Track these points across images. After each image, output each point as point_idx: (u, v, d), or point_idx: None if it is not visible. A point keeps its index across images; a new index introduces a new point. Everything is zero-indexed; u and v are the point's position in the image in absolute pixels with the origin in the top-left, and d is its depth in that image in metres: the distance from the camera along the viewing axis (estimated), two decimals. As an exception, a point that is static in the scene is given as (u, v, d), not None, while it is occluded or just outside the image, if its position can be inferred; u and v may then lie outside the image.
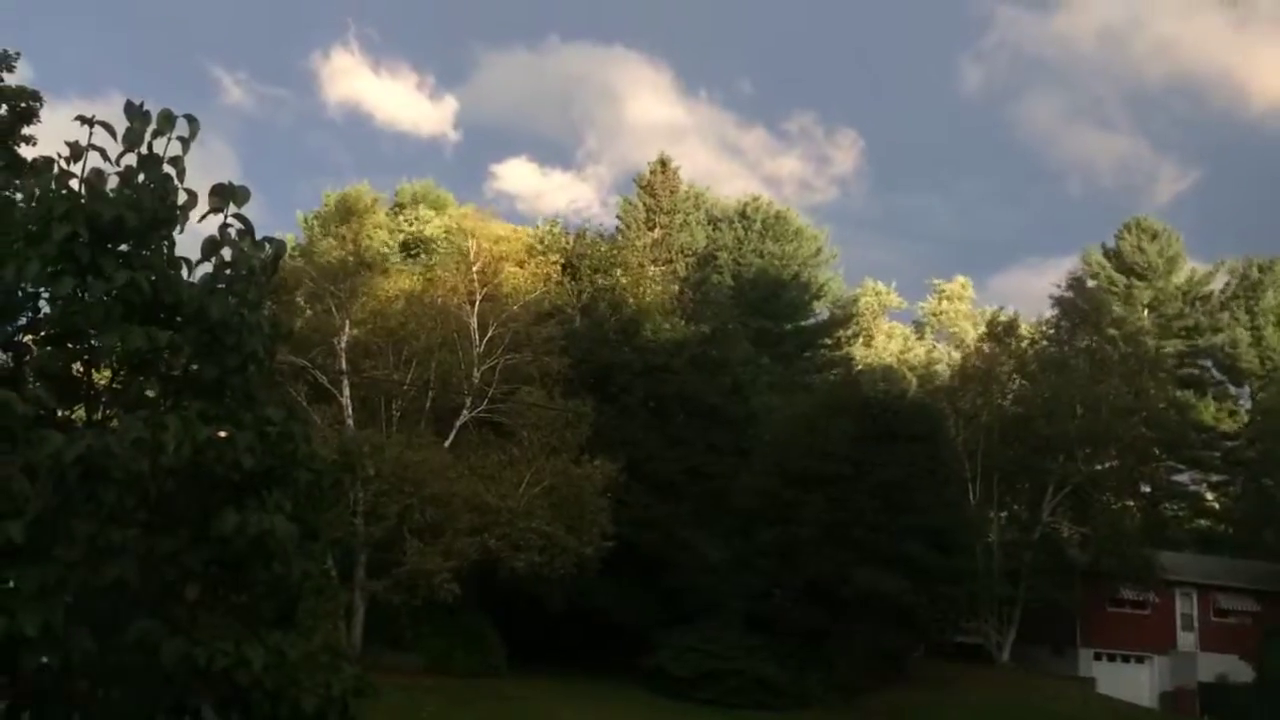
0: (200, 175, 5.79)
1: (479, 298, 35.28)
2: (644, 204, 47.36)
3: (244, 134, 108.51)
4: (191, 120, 5.67)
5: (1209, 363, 62.15)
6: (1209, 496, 60.05)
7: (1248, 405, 60.39)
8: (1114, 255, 63.02)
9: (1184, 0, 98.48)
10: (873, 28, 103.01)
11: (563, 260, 41.58)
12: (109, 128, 5.62)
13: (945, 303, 71.04)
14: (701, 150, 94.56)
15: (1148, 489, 53.73)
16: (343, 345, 33.29)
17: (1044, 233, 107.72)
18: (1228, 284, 63.25)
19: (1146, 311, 60.28)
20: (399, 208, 53.25)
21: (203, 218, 5.75)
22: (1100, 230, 72.67)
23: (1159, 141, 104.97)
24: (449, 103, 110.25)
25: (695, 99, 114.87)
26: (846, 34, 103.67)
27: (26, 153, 22.20)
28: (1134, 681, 41.98)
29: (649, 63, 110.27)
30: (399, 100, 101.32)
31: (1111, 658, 42.79)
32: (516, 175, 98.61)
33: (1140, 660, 43.22)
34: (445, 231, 41.28)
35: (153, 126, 5.63)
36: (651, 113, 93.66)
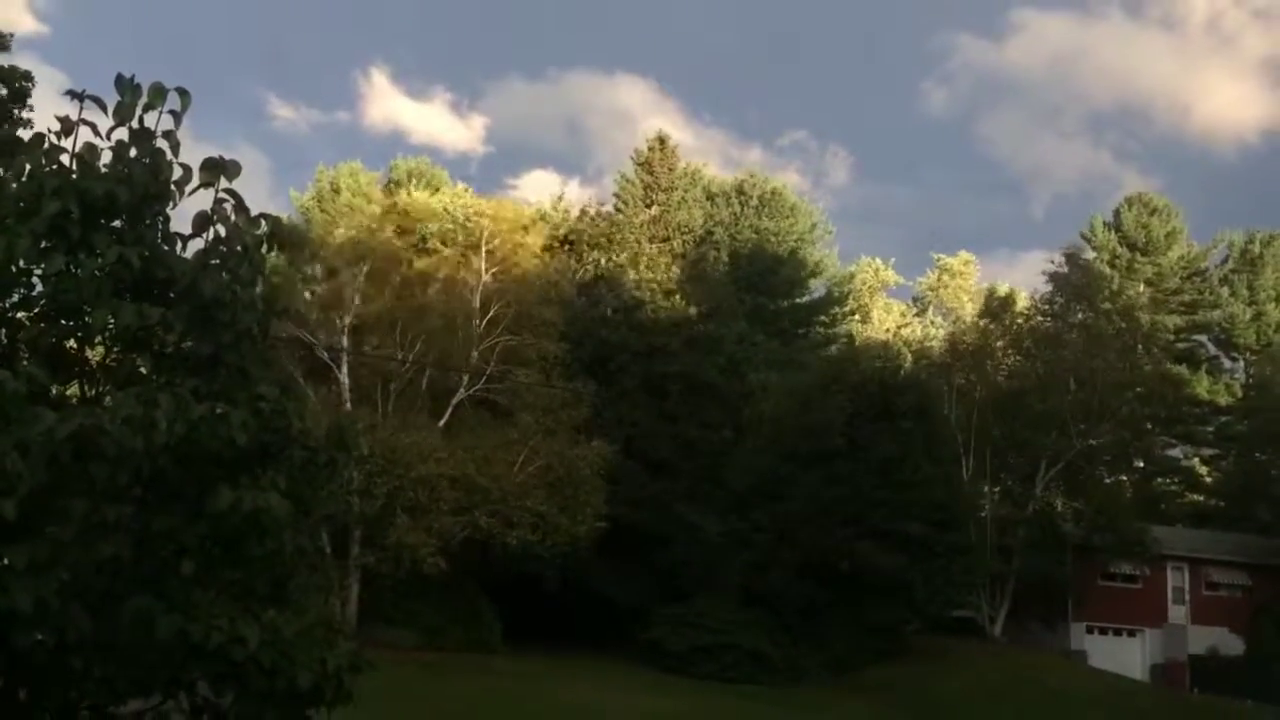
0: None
1: (484, 275, 35.45)
2: (642, 181, 47.05)
3: (285, 150, 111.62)
4: (183, 94, 5.60)
5: (1204, 337, 62.26)
6: (1202, 471, 60.28)
7: (1242, 379, 60.57)
8: (1116, 229, 62.99)
9: (1123, 30, 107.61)
10: (853, 56, 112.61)
11: (561, 237, 41.72)
12: (100, 102, 5.56)
13: (946, 278, 70.69)
14: (708, 168, 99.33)
15: (1140, 464, 53.94)
16: (345, 324, 33.39)
17: (1012, 231, 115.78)
18: (1227, 258, 63.24)
19: (1144, 286, 60.25)
20: (394, 185, 53.00)
21: (192, 191, 5.71)
22: (1070, 230, 73.84)
23: (1119, 152, 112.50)
24: (477, 121, 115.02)
25: (701, 122, 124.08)
26: (828, 62, 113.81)
27: (20, 134, 21.99)
28: (1125, 654, 42.28)
29: (657, 90, 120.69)
30: (431, 119, 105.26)
31: (1103, 631, 43.08)
32: (537, 184, 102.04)
33: (1132, 634, 43.52)
34: (445, 210, 41.21)
35: (144, 100, 5.56)
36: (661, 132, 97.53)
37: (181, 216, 5.90)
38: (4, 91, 22.90)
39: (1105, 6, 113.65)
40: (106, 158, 5.62)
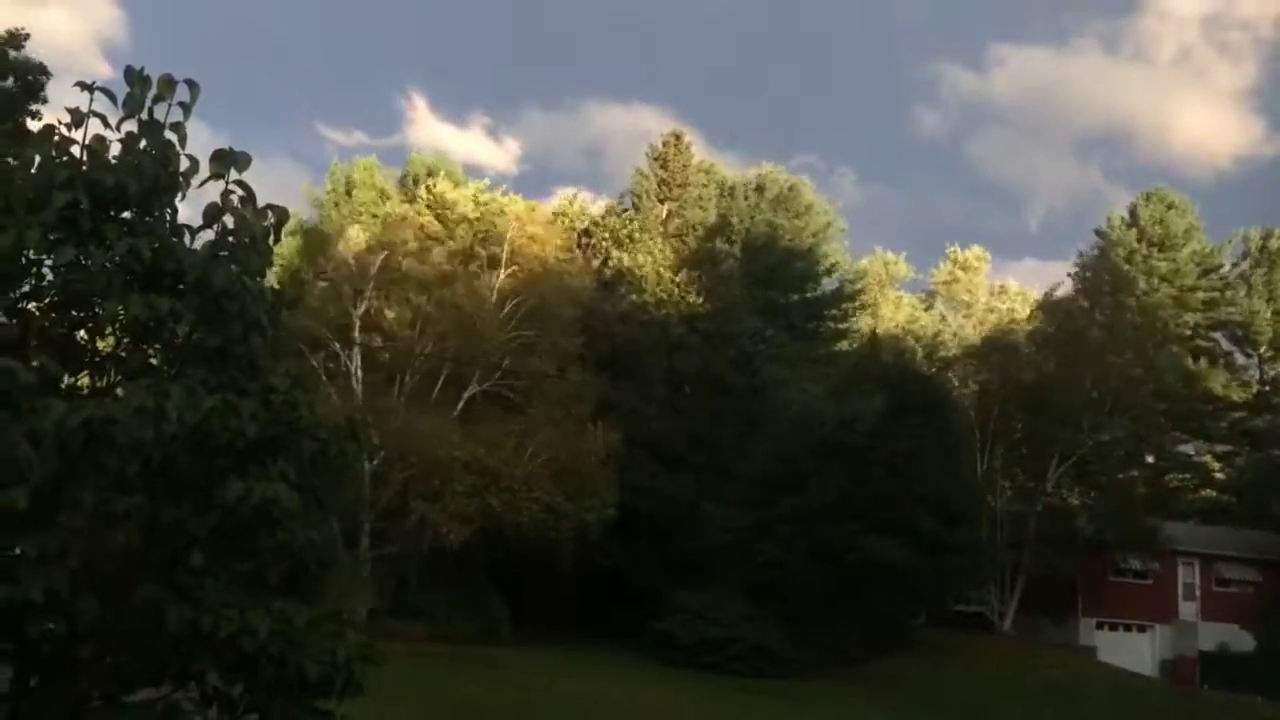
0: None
1: (502, 273, 35.67)
2: (656, 176, 46.91)
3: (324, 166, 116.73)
4: (192, 85, 5.59)
5: (1219, 334, 61.83)
6: (1215, 467, 59.98)
7: (1256, 376, 60.23)
8: (1133, 224, 62.55)
9: (1100, 63, 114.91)
10: (854, 85, 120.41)
11: (578, 234, 41.88)
12: (110, 94, 5.56)
13: (959, 272, 70.40)
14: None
15: (1152, 459, 53.72)
16: (357, 316, 33.55)
17: (1006, 241, 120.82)
18: (1245, 253, 62.78)
19: (1159, 281, 59.82)
20: (413, 180, 53.05)
21: (203, 183, 5.70)
22: (1063, 240, 75.61)
23: (1106, 170, 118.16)
24: (511, 144, 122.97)
25: (715, 146, 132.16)
26: (833, 90, 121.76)
27: (33, 127, 22.11)
28: (1135, 650, 42.18)
29: (674, 118, 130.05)
30: (469, 142, 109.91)
31: (1113, 627, 42.98)
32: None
33: (1142, 629, 43.41)
34: (473, 204, 41.40)
35: (153, 92, 5.56)
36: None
37: (188, 209, 5.95)
38: (12, 82, 23.08)
39: (1081, 41, 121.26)
40: (116, 150, 5.63)
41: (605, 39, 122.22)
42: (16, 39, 23.54)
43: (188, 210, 5.94)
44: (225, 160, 5.65)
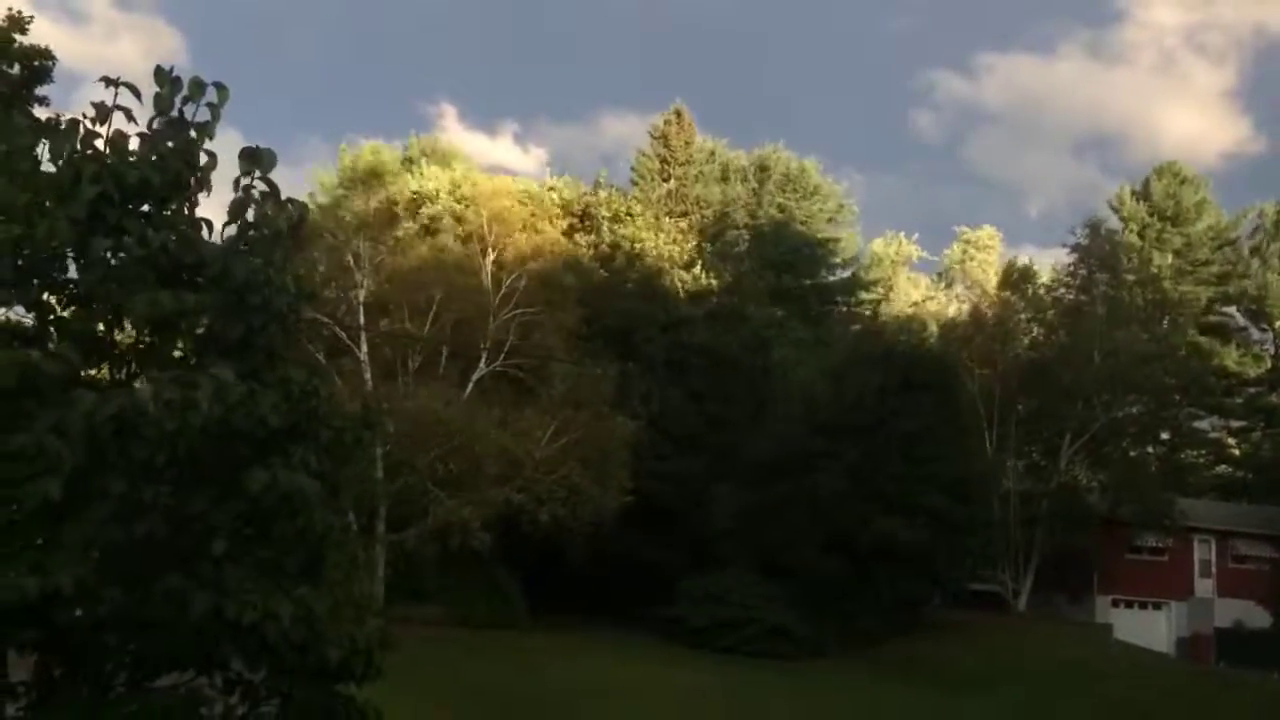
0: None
1: (490, 260, 35.57)
2: (657, 154, 46.72)
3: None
4: (220, 88, 5.70)
5: (1233, 309, 61.45)
6: (1230, 442, 59.73)
7: (1271, 351, 59.90)
8: (1145, 199, 62.07)
9: (1086, 68, 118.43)
10: (858, 92, 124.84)
11: (577, 212, 41.57)
12: (134, 89, 5.63)
13: (972, 250, 69.99)
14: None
15: (1166, 436, 53.55)
16: (359, 301, 33.42)
17: (1005, 230, 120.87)
18: (1258, 227, 62.27)
19: (1172, 256, 59.40)
20: (408, 161, 52.97)
21: (236, 180, 5.82)
22: (1063, 228, 76.59)
23: (1103, 167, 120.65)
24: (536, 151, 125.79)
25: (727, 149, 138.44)
26: (837, 96, 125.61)
27: (40, 113, 22.17)
28: (1151, 628, 42.16)
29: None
30: (498, 151, 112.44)
31: (1129, 604, 42.94)
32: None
33: (1158, 607, 43.38)
34: (451, 187, 41.16)
35: (184, 93, 5.67)
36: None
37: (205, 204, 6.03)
38: (17, 70, 23.07)
39: (1066, 47, 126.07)
40: (133, 145, 5.70)
41: (618, 48, 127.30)
42: (19, 23, 23.39)
43: (214, 208, 6.05)
44: (253, 158, 5.75)
